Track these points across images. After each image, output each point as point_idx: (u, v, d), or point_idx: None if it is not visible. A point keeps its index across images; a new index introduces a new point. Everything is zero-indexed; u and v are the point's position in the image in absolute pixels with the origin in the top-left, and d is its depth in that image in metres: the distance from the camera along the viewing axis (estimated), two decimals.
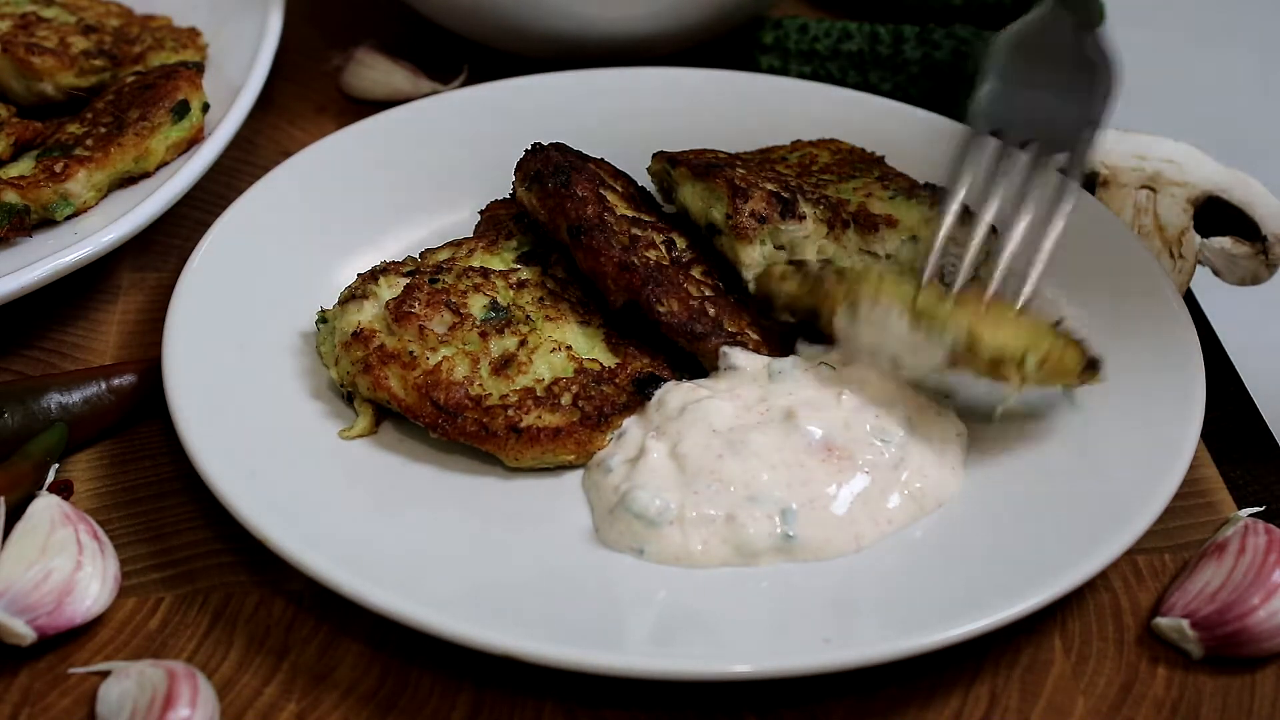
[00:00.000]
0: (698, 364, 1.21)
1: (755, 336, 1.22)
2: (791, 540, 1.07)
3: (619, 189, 1.31)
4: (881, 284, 1.16)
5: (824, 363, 1.19)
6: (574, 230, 1.21)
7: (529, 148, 1.28)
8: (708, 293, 1.23)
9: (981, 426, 1.17)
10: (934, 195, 1.29)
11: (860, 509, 1.09)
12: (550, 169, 1.24)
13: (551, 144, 1.29)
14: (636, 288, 1.19)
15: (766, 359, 1.19)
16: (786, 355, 1.21)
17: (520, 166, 1.27)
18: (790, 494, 1.09)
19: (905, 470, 1.11)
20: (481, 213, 1.33)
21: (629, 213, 1.27)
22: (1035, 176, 1.21)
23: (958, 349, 1.12)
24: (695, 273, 1.25)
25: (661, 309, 1.19)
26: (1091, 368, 1.13)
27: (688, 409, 1.14)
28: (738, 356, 1.18)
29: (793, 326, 1.24)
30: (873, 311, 1.15)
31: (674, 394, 1.16)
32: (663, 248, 1.26)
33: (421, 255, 1.26)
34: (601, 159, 1.34)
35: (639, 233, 1.25)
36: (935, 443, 1.14)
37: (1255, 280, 1.36)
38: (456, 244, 1.28)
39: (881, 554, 1.08)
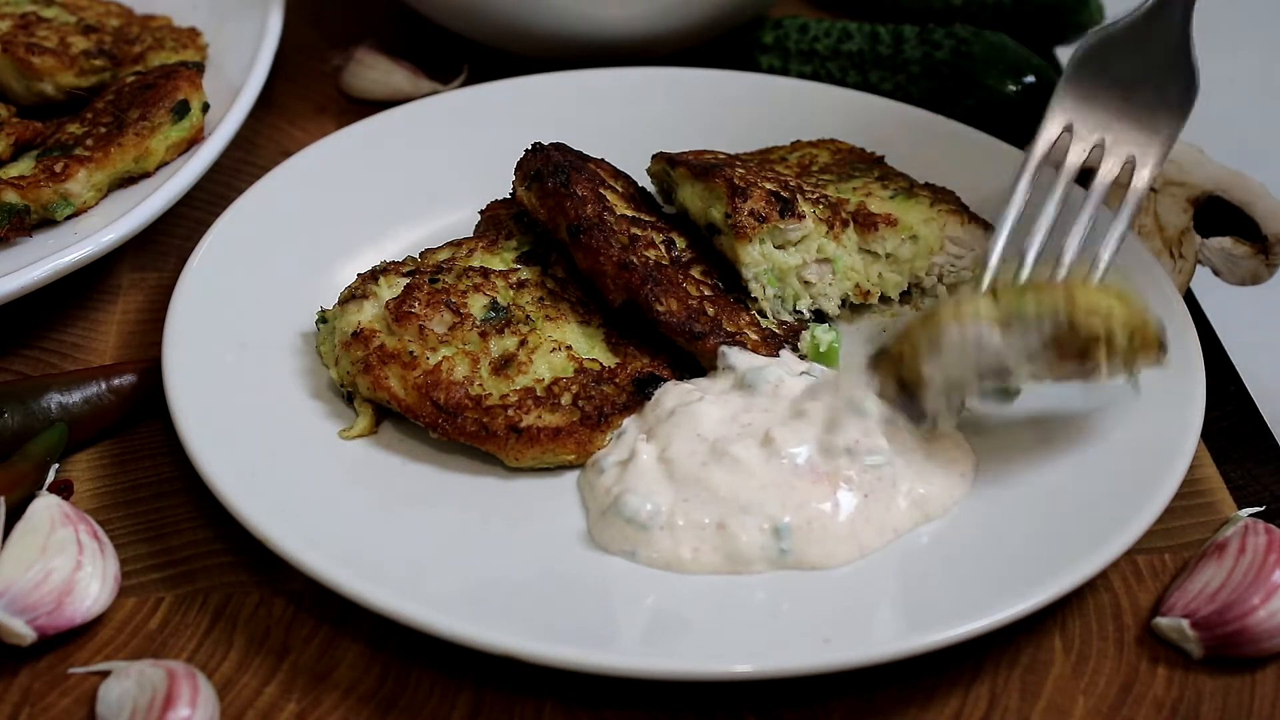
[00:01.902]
0: (698, 364, 1.21)
1: (754, 336, 1.21)
2: (786, 555, 1.06)
3: (619, 189, 1.30)
4: (956, 304, 1.10)
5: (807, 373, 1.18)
6: (573, 229, 1.21)
7: (529, 147, 1.28)
8: (707, 292, 1.23)
9: (979, 425, 1.17)
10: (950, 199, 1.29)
11: (862, 524, 1.08)
12: (550, 168, 1.24)
13: (551, 144, 1.29)
14: (635, 286, 1.19)
15: (750, 364, 1.17)
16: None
17: (520, 166, 1.27)
18: (783, 511, 1.07)
19: (905, 482, 1.10)
20: (481, 213, 1.33)
21: (628, 212, 1.27)
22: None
23: (1059, 328, 1.07)
24: (695, 272, 1.25)
25: (660, 308, 1.19)
26: (1163, 347, 1.11)
27: (676, 412, 1.14)
28: (736, 357, 1.18)
29: (796, 328, 1.25)
30: (957, 330, 1.08)
31: (670, 395, 1.16)
32: (662, 247, 1.25)
33: (421, 255, 1.26)
34: (601, 159, 1.34)
35: (638, 232, 1.25)
36: (938, 456, 1.13)
37: (1255, 280, 1.36)
38: (456, 244, 1.28)
39: (882, 555, 1.08)
